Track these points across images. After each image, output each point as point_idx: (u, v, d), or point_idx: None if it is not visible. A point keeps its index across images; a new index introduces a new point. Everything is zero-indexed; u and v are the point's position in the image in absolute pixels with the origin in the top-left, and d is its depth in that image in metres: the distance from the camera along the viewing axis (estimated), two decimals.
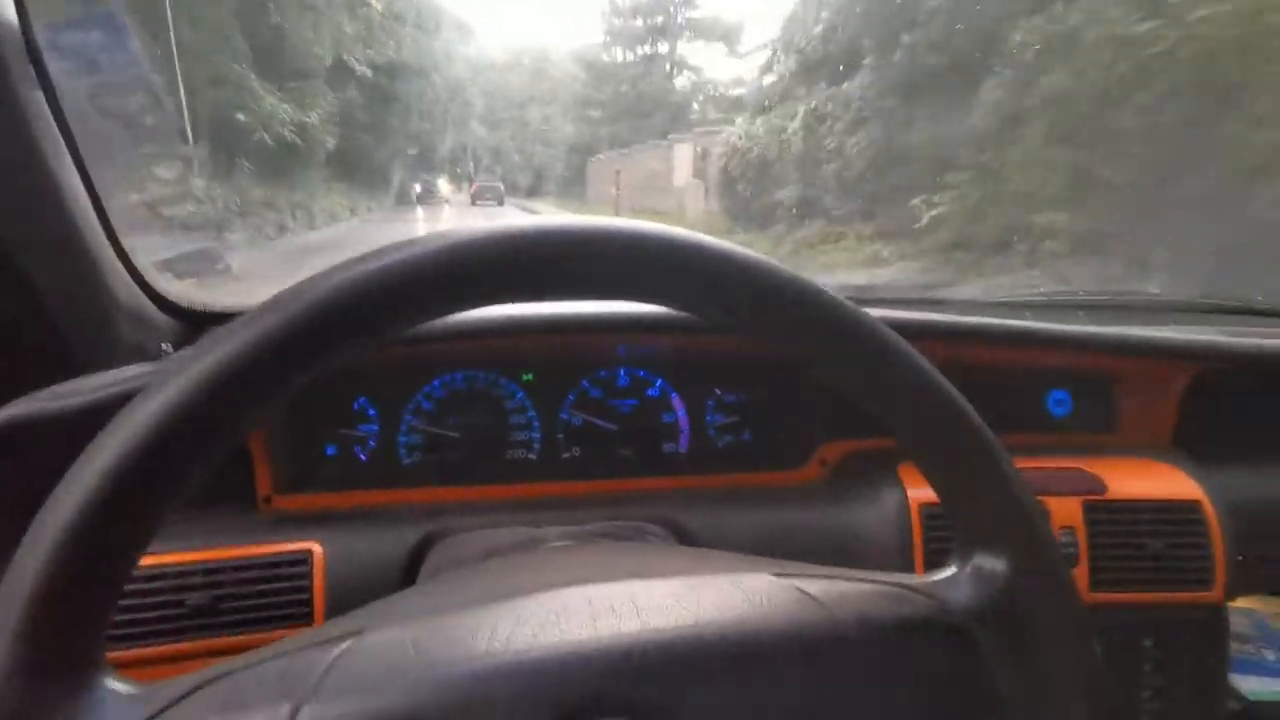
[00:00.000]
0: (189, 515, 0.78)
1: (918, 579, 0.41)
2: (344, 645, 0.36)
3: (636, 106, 25.43)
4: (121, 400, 0.31)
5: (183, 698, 0.33)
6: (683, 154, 14.46)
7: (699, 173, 13.58)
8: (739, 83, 23.99)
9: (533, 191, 30.91)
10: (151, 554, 0.71)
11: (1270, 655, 0.99)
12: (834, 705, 0.36)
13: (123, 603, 0.68)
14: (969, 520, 0.40)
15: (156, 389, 0.30)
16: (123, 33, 0.78)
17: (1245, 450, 0.94)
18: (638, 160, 17.18)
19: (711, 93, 26.43)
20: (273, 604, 0.73)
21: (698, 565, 0.48)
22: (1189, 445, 0.95)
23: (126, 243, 0.85)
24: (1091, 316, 0.96)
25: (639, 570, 0.43)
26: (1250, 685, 0.94)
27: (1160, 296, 1.15)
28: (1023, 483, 0.38)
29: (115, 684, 0.32)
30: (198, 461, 0.31)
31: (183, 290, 0.93)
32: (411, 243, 0.33)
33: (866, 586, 0.40)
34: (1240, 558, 0.84)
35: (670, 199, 14.49)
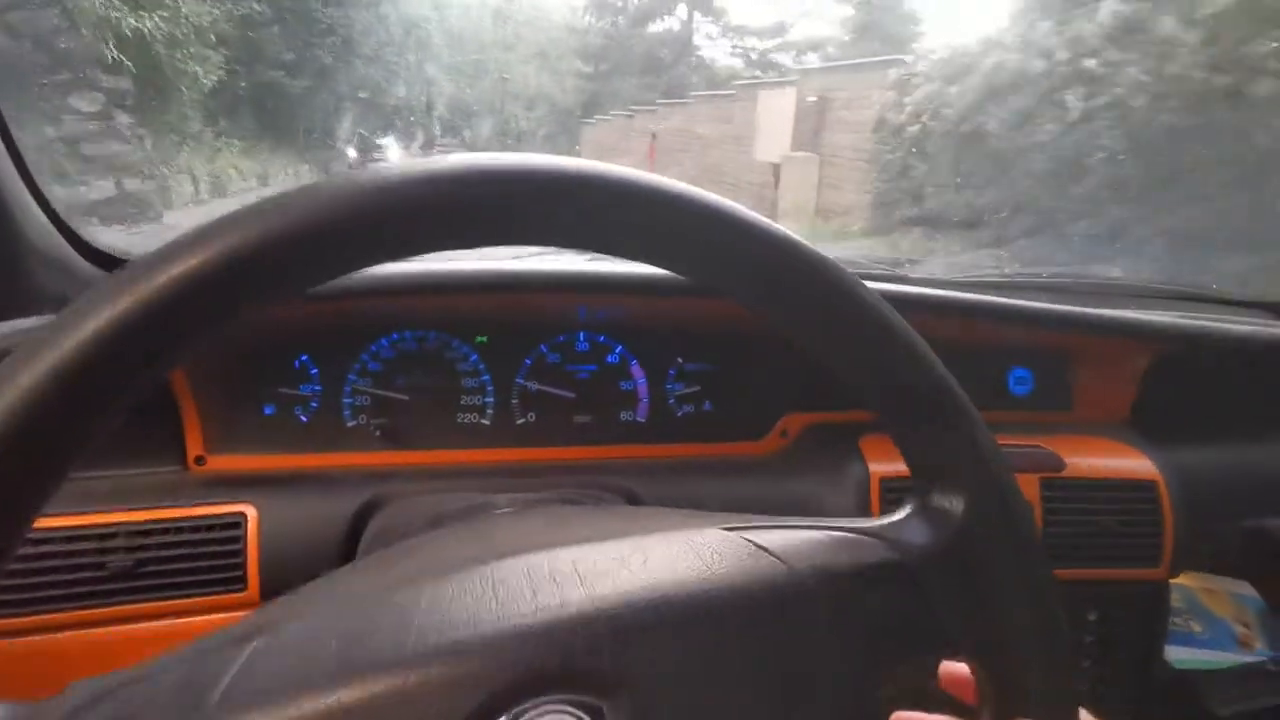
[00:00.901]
0: (117, 474, 0.74)
1: (871, 523, 0.39)
2: (255, 644, 0.33)
3: (646, 59, 20.74)
4: (9, 352, 0.26)
5: (74, 714, 0.29)
6: (777, 107, 8.37)
7: (805, 140, 7.90)
8: (779, 30, 19.44)
9: None
10: (72, 514, 0.67)
11: (1198, 628, 1.03)
12: (793, 656, 0.35)
13: (38, 565, 0.65)
14: (924, 458, 0.38)
15: (38, 340, 0.26)
16: None
17: (1199, 430, 0.96)
18: (672, 121, 12.00)
19: (739, 44, 20.61)
20: (201, 568, 0.69)
21: (645, 524, 0.46)
22: (1145, 425, 0.97)
23: (43, 182, 0.79)
24: (1053, 297, 0.96)
25: (582, 535, 0.41)
26: (1179, 655, 0.98)
27: (1120, 280, 1.17)
28: (981, 423, 0.36)
29: None
30: (87, 420, 0.27)
31: (111, 237, 0.86)
32: (331, 181, 0.28)
33: (819, 534, 0.39)
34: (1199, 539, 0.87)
35: (750, 174, 8.87)
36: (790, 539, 0.38)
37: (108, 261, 0.85)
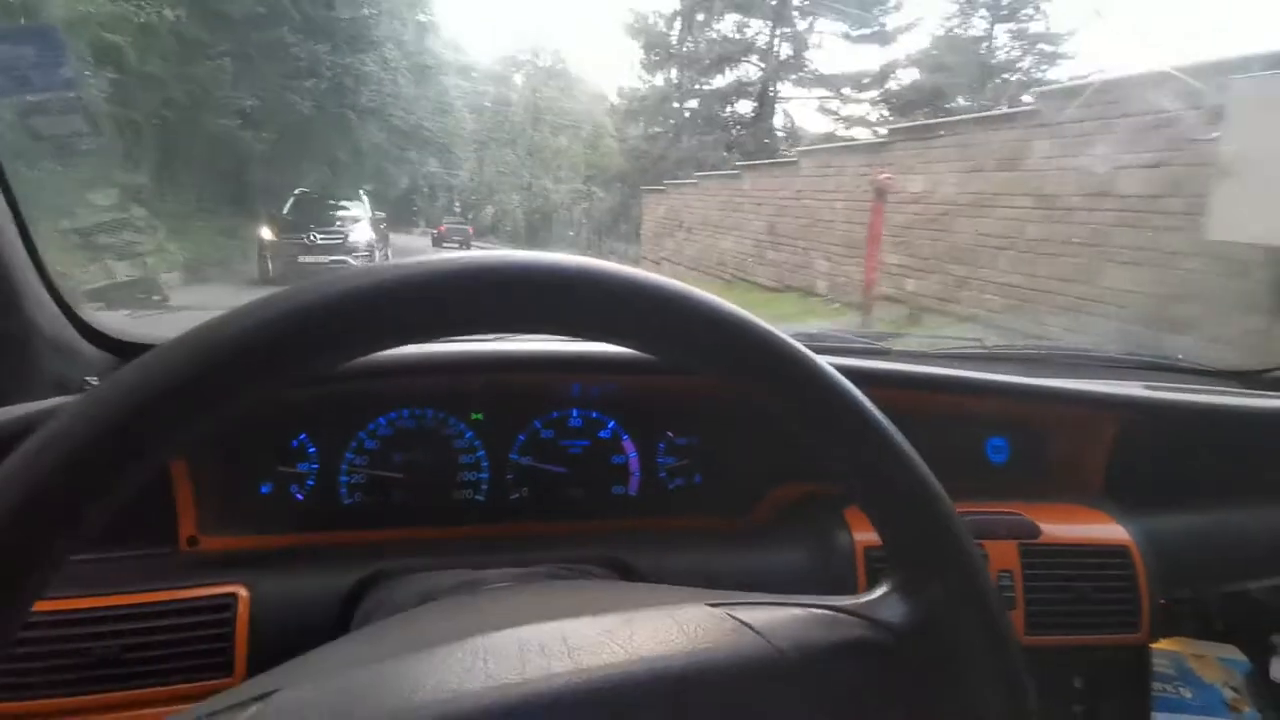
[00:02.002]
0: (106, 557, 0.73)
1: (849, 600, 0.41)
2: (251, 710, 0.33)
3: (715, 117, 17.71)
4: (19, 435, 0.28)
5: None
6: None
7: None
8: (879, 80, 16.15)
9: (532, 237, 22.36)
10: (55, 598, 0.66)
11: (1188, 694, 1.03)
12: None
13: (21, 650, 0.63)
14: (899, 540, 0.40)
15: (48, 427, 0.28)
16: (59, 51, 0.75)
17: (1169, 498, 0.98)
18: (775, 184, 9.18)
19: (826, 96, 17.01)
20: (188, 653, 0.68)
21: (633, 599, 0.47)
22: (1118, 492, 0.99)
23: (55, 270, 0.82)
24: (1030, 368, 1.00)
25: (571, 609, 0.42)
26: None
27: (1093, 351, 1.21)
28: (950, 506, 0.39)
29: None
30: (94, 503, 0.28)
31: (114, 321, 0.89)
32: (341, 277, 0.31)
33: (800, 611, 0.40)
34: (1163, 601, 0.88)
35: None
36: (772, 616, 0.39)
37: (111, 345, 0.87)
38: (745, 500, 0.94)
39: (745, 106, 17.85)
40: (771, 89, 17.32)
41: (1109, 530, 0.90)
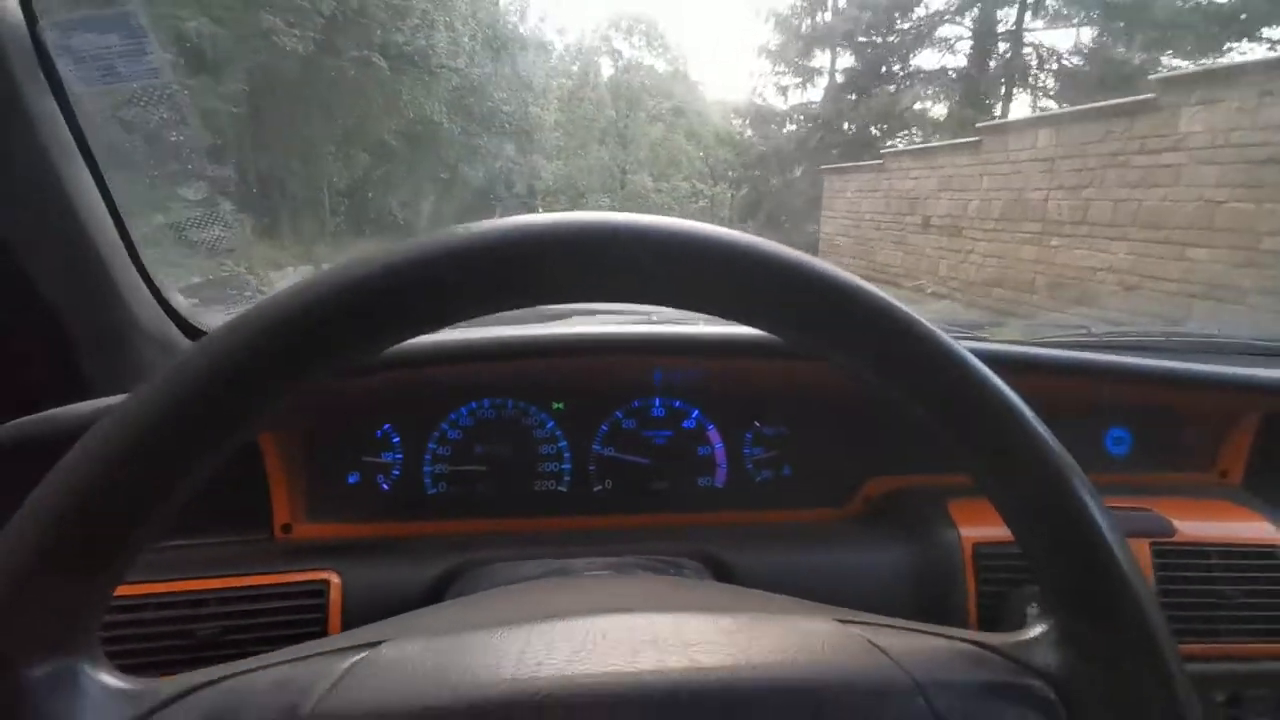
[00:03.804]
0: (205, 543, 0.76)
1: (998, 638, 0.37)
2: (358, 656, 0.33)
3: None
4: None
5: (177, 698, 0.31)
6: None
7: None
8: None
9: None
10: (161, 581, 0.69)
11: None
12: None
13: (127, 632, 0.66)
14: (1056, 578, 0.35)
15: (124, 407, 0.29)
16: (141, 37, 0.76)
17: None
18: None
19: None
20: (285, 637, 0.69)
21: (752, 604, 0.44)
22: (1263, 486, 0.90)
23: (152, 265, 0.84)
24: (1144, 355, 0.91)
25: (686, 603, 0.40)
26: None
27: (1217, 337, 1.09)
28: (1122, 542, 0.34)
29: (105, 678, 0.30)
30: (178, 469, 0.29)
31: (210, 317, 0.92)
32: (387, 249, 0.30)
33: (941, 642, 0.36)
34: None
35: None
36: (910, 644, 0.36)
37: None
38: (838, 493, 0.90)
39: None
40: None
41: (1255, 528, 0.81)
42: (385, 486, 0.85)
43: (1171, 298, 5.28)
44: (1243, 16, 10.03)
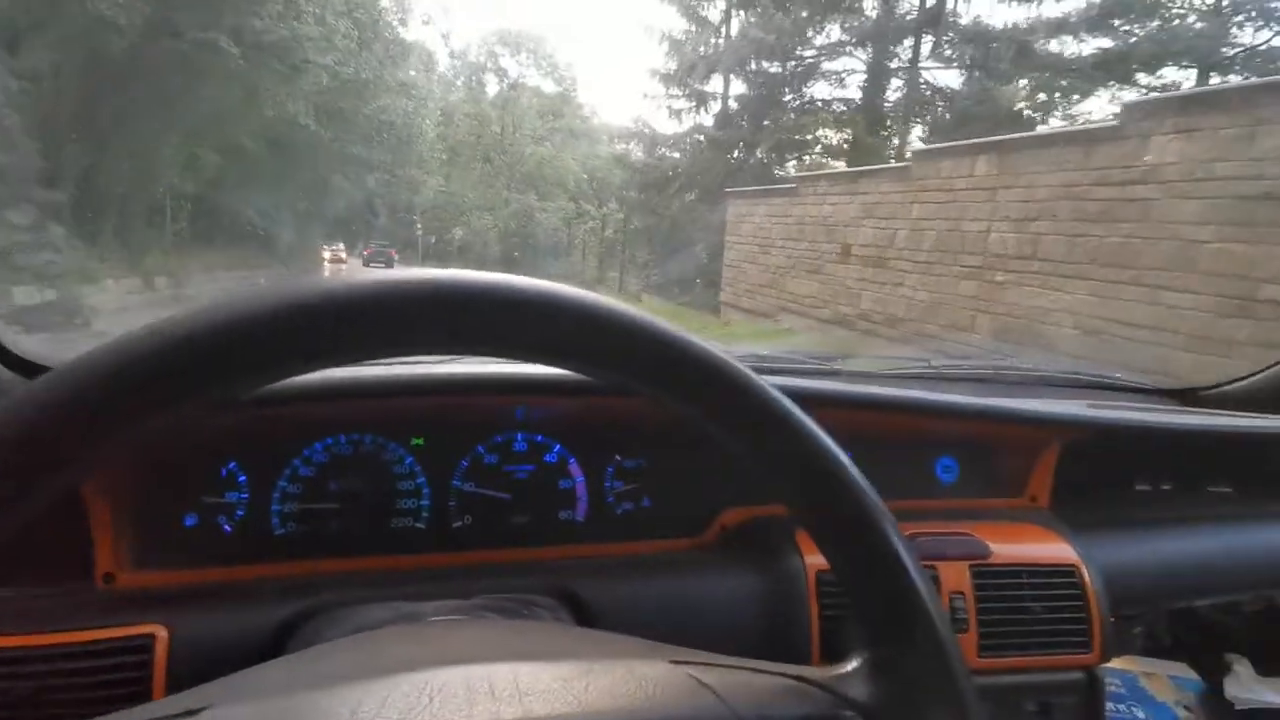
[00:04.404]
0: (17, 595, 0.69)
1: (818, 672, 0.39)
2: None
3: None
4: None
5: None
6: None
7: None
8: None
9: (510, 263, 18.22)
10: None
11: (1141, 713, 1.04)
12: None
13: None
14: (868, 613, 0.39)
15: None
16: None
17: (1114, 515, 1.00)
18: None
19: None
20: (103, 697, 0.64)
21: (589, 648, 0.45)
22: (1064, 510, 1.00)
23: None
24: (976, 388, 1.01)
25: (526, 651, 0.41)
26: None
27: (1036, 370, 1.23)
28: (922, 574, 0.38)
29: None
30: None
31: (33, 344, 0.84)
32: (261, 293, 0.30)
33: (765, 679, 0.39)
34: (1113, 619, 0.88)
35: None
36: (736, 681, 0.38)
37: (29, 368, 0.82)
38: (695, 524, 0.93)
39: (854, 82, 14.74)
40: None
41: (1057, 549, 0.90)
42: (227, 528, 0.80)
43: (1143, 346, 4.75)
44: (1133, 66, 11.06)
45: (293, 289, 0.30)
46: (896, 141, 14.23)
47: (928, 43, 13.98)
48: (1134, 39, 11.17)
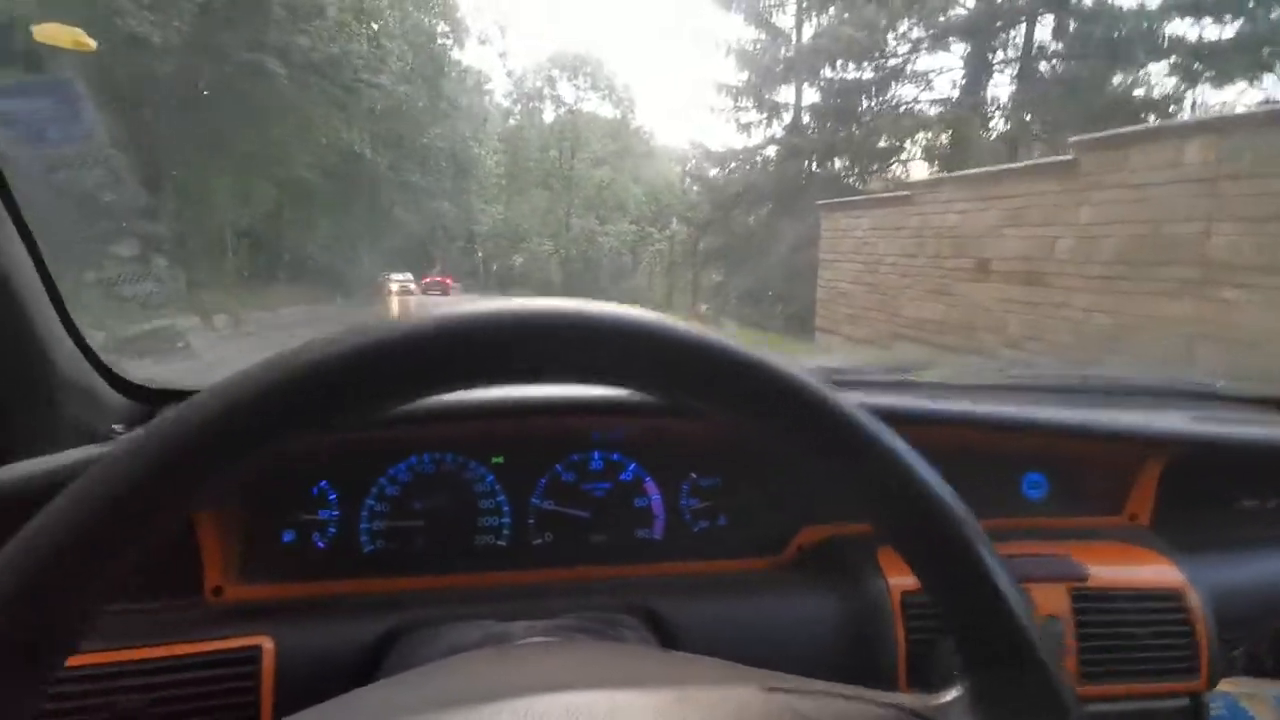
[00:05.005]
0: (129, 608, 0.72)
1: (918, 701, 0.38)
2: None
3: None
4: (49, 488, 0.29)
5: None
6: None
7: None
8: None
9: (572, 288, 18.08)
10: (82, 652, 0.64)
11: None
12: None
13: (45, 707, 0.62)
14: (968, 638, 0.38)
15: (81, 483, 0.29)
16: (78, 103, 0.76)
17: (1221, 536, 0.94)
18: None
19: None
20: (214, 707, 0.67)
21: (683, 674, 0.45)
22: (1167, 530, 0.95)
23: (80, 321, 0.83)
24: (1061, 398, 0.97)
25: (622, 678, 0.41)
26: None
27: (1126, 379, 1.17)
28: (1021, 597, 0.36)
29: None
30: (127, 554, 0.29)
31: (140, 370, 0.90)
32: (372, 327, 0.31)
33: (863, 708, 0.38)
34: (1226, 644, 0.83)
35: None
36: (833, 709, 0.37)
37: (138, 393, 0.87)
38: (773, 542, 0.92)
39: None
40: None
41: (1162, 571, 0.85)
42: (321, 545, 0.84)
43: None
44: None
45: (452, 313, 0.32)
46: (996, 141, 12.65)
47: (1042, 29, 12.33)
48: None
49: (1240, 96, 11.07)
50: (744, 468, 0.92)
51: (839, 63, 14.36)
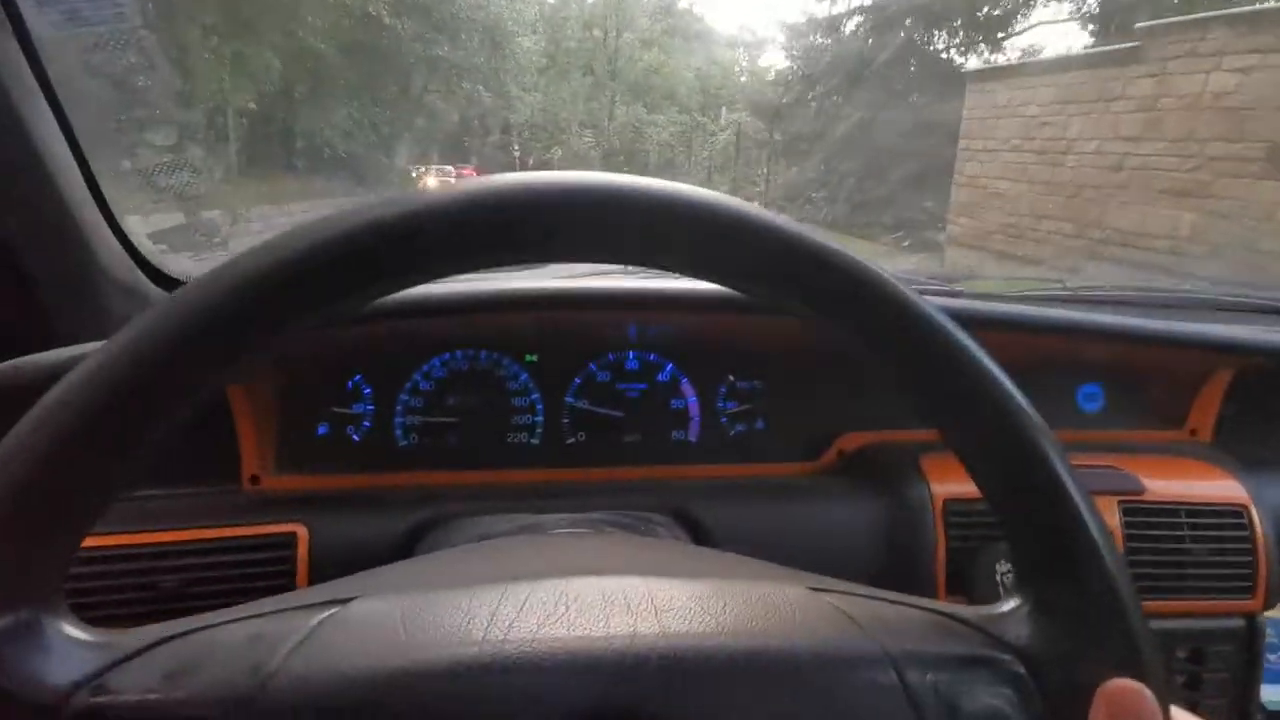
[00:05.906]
0: (171, 493, 0.75)
1: (971, 611, 0.37)
2: (328, 613, 0.33)
3: None
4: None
5: (143, 650, 0.31)
6: None
7: None
8: None
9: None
10: (125, 533, 0.69)
11: None
12: None
13: (88, 584, 0.66)
14: (1030, 548, 0.35)
15: (94, 354, 0.29)
16: None
17: None
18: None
19: None
20: (251, 590, 0.69)
21: (724, 568, 0.44)
22: (1232, 446, 0.91)
23: (119, 212, 0.82)
24: (1118, 311, 0.92)
25: (656, 567, 0.40)
26: (1271, 695, 0.91)
27: (1190, 292, 1.09)
28: (1095, 511, 0.34)
29: (69, 629, 0.30)
30: (151, 420, 0.29)
31: (179, 264, 0.90)
32: (400, 198, 0.30)
33: (913, 613, 0.36)
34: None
35: None
36: (880, 614, 0.36)
37: (173, 285, 0.88)
38: (811, 448, 0.91)
39: None
40: None
41: (1224, 487, 0.82)
42: (356, 438, 0.85)
43: None
44: None
45: (475, 184, 0.31)
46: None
47: None
48: None
49: None
50: (784, 372, 0.90)
51: None
